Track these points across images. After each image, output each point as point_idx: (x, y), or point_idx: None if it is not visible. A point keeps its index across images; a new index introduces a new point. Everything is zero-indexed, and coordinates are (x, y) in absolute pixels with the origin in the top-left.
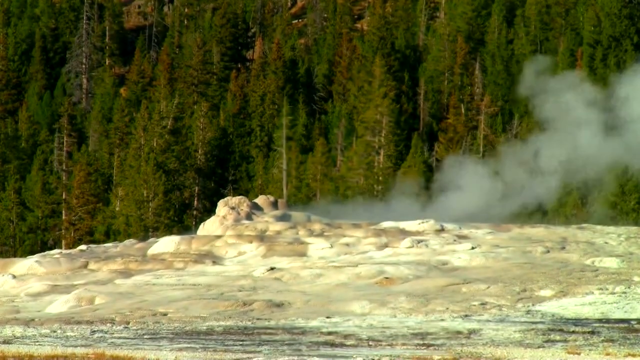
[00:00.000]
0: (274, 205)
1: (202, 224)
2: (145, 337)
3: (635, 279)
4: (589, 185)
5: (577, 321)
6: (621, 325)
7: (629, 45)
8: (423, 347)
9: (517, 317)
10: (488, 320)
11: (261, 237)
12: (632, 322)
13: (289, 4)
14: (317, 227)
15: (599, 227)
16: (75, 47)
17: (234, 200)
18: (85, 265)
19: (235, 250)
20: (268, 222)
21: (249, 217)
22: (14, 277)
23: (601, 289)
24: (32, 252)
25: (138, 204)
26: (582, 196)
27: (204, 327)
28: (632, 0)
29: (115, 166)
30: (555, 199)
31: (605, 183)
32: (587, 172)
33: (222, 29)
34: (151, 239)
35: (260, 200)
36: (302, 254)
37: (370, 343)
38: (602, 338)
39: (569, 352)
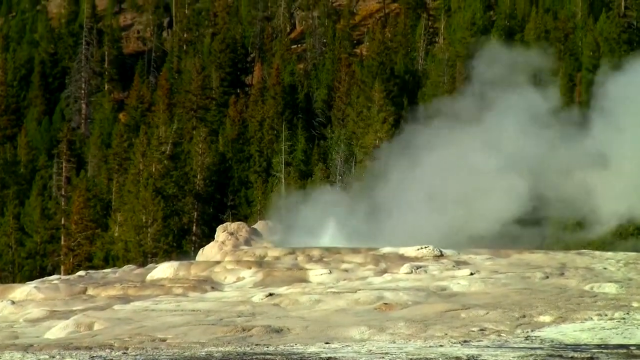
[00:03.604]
0: (273, 231)
1: (201, 249)
2: None
3: (634, 304)
4: None
5: (576, 347)
6: (620, 350)
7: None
8: None
9: (516, 342)
10: (487, 346)
11: (260, 263)
12: (631, 348)
13: (288, 29)
14: (316, 252)
15: (597, 252)
16: (74, 72)
17: (232, 225)
18: (84, 291)
19: (234, 276)
20: (267, 247)
21: (247, 242)
22: (13, 302)
23: (600, 314)
24: (31, 278)
25: (137, 229)
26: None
27: (203, 353)
28: (631, 26)
29: (114, 192)
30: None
31: None
32: None
33: (221, 54)
34: (150, 265)
35: (259, 225)
36: (301, 280)
37: None
38: None
39: None
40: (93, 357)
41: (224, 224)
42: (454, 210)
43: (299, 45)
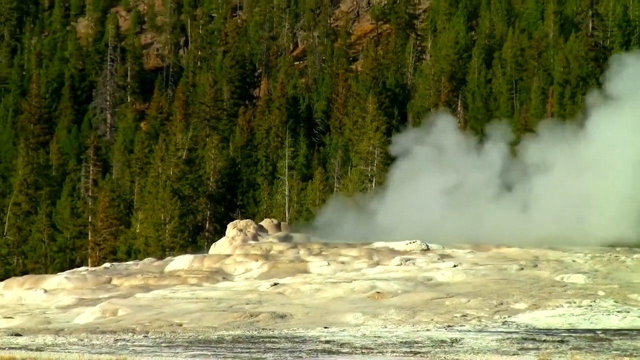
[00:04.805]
0: (278, 227)
1: (213, 244)
2: (162, 345)
3: (600, 293)
4: None
5: (548, 331)
6: (587, 334)
7: (594, 85)
8: (411, 355)
9: (495, 327)
10: (469, 331)
11: (266, 256)
12: (597, 332)
13: (291, 47)
14: (315, 247)
15: (567, 246)
16: (100, 85)
17: (241, 223)
18: (109, 281)
19: (243, 268)
20: (272, 242)
21: (255, 238)
22: (46, 291)
23: (569, 302)
24: (62, 269)
25: (156, 226)
26: None
27: (215, 336)
28: (597, 45)
29: (135, 192)
30: None
31: None
32: None
33: (231, 70)
34: (168, 258)
35: (265, 223)
36: (303, 271)
37: (364, 351)
38: (571, 346)
39: (540, 359)
40: (117, 340)
41: (234, 222)
42: None
43: (301, 62)
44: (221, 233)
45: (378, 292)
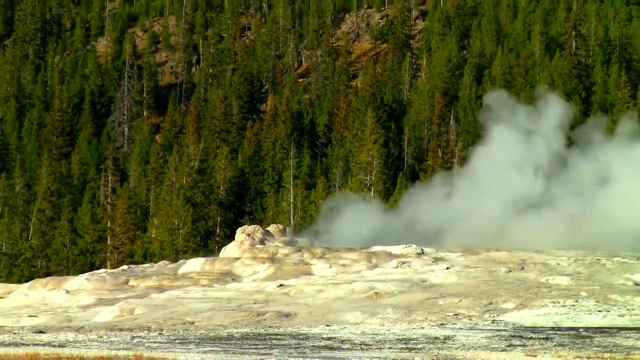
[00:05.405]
0: (283, 232)
1: (223, 248)
2: (176, 341)
3: (582, 294)
4: None
5: (534, 329)
6: (570, 332)
7: (577, 100)
8: (406, 351)
9: (485, 325)
10: (460, 328)
11: (272, 259)
12: (580, 330)
13: (296, 65)
14: (318, 250)
15: (552, 250)
16: (118, 101)
17: (249, 228)
18: (127, 282)
19: (251, 270)
20: (278, 246)
21: (262, 242)
22: (67, 292)
23: (554, 302)
24: (82, 271)
25: (170, 231)
26: None
27: (225, 334)
28: (580, 63)
29: (151, 200)
30: None
31: None
32: None
33: (240, 86)
34: (181, 261)
35: (271, 228)
36: (306, 273)
37: (363, 347)
38: (555, 343)
39: (527, 355)
40: (134, 337)
41: (243, 227)
42: None
43: (305, 79)
44: (231, 238)
45: (376, 293)
